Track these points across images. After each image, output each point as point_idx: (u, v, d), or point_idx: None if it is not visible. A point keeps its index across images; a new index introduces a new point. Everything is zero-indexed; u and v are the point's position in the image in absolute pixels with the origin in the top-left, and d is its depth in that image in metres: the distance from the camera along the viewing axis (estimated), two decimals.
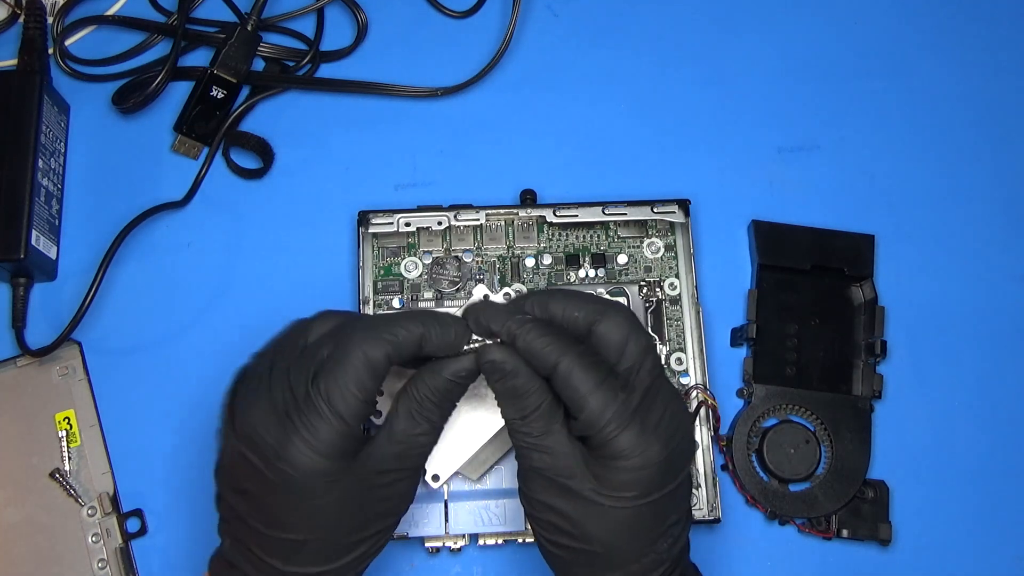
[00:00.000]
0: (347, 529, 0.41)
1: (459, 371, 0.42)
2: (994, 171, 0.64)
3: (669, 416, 0.42)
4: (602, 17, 0.66)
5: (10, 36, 0.63)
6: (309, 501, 0.40)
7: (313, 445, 0.39)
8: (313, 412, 0.39)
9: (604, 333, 0.42)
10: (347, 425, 0.39)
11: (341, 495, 0.40)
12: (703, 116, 0.64)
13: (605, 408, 0.40)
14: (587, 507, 0.41)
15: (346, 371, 0.40)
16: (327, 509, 0.40)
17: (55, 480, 0.56)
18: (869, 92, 0.65)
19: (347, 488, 0.41)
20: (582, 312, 0.42)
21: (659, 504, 0.41)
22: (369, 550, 0.43)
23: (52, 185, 0.60)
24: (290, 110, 0.64)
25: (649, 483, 0.41)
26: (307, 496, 0.40)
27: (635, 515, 0.41)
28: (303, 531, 0.41)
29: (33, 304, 0.59)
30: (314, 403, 0.39)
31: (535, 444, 0.42)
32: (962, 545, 0.57)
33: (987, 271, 0.62)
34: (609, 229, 0.60)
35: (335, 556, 0.42)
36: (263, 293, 0.60)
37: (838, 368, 0.59)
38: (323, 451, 0.39)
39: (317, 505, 0.40)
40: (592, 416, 0.40)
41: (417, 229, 0.60)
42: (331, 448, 0.39)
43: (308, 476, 0.39)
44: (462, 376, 0.42)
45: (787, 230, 0.60)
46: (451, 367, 0.42)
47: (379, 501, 0.42)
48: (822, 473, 0.57)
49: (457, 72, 0.64)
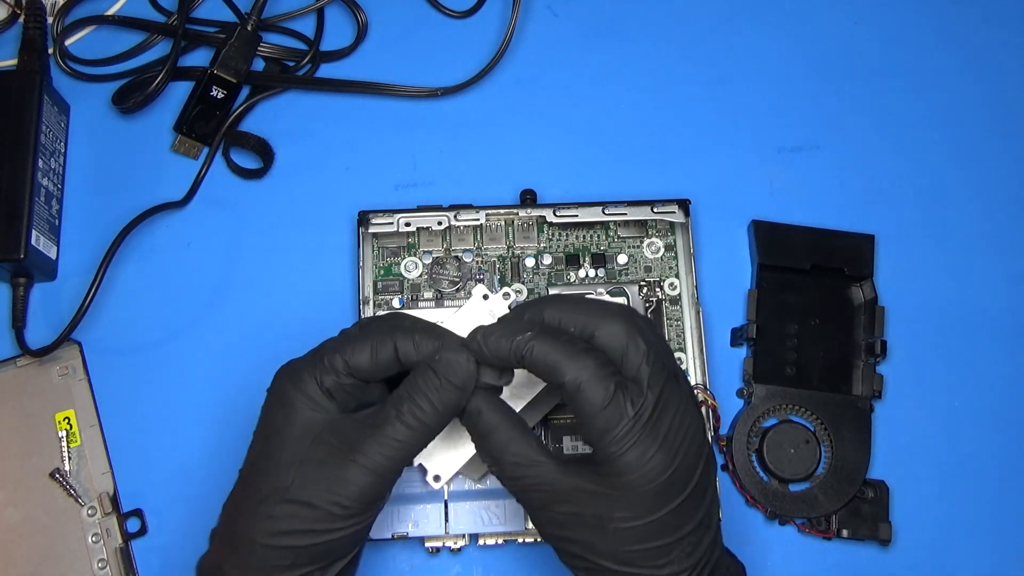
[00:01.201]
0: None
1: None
2: (994, 171, 0.64)
3: (677, 424, 0.41)
4: (602, 17, 0.66)
5: (10, 36, 0.63)
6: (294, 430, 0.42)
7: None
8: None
9: (603, 343, 0.42)
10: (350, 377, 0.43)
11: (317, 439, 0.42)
12: (703, 116, 0.64)
13: (609, 428, 0.40)
14: (593, 531, 0.41)
15: (359, 342, 0.43)
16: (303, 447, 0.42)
17: (55, 480, 0.56)
18: (869, 92, 0.65)
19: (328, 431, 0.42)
20: (578, 322, 0.42)
21: (668, 519, 0.41)
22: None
23: (52, 185, 0.60)
24: (290, 110, 0.64)
25: (655, 500, 0.41)
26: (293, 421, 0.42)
27: (644, 532, 0.41)
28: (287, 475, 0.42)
29: (33, 304, 0.59)
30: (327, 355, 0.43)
31: (525, 486, 0.43)
32: (962, 545, 0.57)
33: (987, 271, 0.62)
34: (609, 229, 0.60)
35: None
36: (263, 293, 0.60)
37: (838, 368, 0.59)
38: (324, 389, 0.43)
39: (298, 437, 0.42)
40: (596, 434, 0.41)
41: (417, 229, 0.60)
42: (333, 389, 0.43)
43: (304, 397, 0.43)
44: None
45: (787, 230, 0.60)
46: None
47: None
48: (822, 473, 0.57)
49: (457, 72, 0.64)
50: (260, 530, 0.42)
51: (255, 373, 0.58)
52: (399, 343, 0.43)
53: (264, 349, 0.59)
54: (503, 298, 0.54)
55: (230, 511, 0.44)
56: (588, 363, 0.41)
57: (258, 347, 0.59)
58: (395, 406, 0.42)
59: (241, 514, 0.43)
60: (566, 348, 0.41)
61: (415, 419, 0.42)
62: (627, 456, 0.40)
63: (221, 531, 0.44)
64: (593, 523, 0.41)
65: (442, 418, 0.42)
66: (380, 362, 0.43)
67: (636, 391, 0.41)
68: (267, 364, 0.57)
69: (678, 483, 0.41)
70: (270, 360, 0.58)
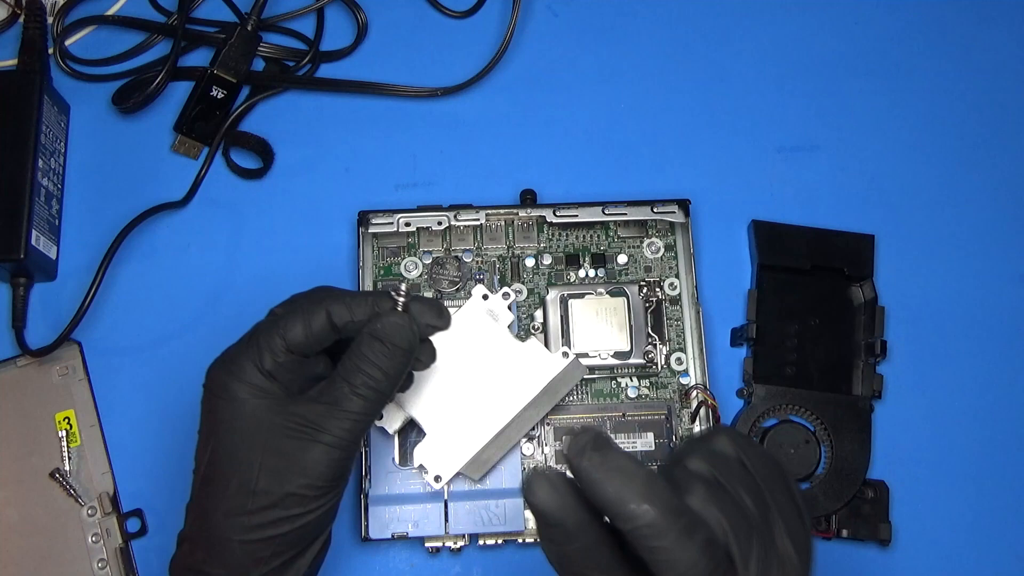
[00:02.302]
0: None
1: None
2: (994, 171, 0.64)
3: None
4: (602, 17, 0.66)
5: (10, 36, 0.63)
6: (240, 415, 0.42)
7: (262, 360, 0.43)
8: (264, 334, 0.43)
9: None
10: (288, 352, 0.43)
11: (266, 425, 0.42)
12: (703, 116, 0.64)
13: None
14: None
15: (291, 317, 0.43)
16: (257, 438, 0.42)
17: (55, 480, 0.56)
18: (869, 92, 0.65)
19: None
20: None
21: None
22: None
23: (52, 185, 0.60)
24: (290, 110, 0.64)
25: None
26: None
27: None
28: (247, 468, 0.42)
29: (33, 304, 0.59)
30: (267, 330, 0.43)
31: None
32: (962, 545, 0.57)
33: (987, 271, 0.62)
34: (609, 229, 0.60)
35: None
36: (263, 293, 0.60)
37: (838, 368, 0.59)
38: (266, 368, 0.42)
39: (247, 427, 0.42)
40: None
41: (417, 229, 0.60)
42: (272, 366, 0.42)
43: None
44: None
45: (787, 230, 0.60)
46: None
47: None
48: (822, 473, 0.57)
49: (457, 72, 0.64)
50: (235, 528, 0.41)
51: None
52: (332, 310, 0.43)
53: None
54: (503, 298, 0.54)
55: (197, 514, 0.44)
56: (698, 558, 0.32)
57: None
58: (346, 379, 0.42)
59: (211, 515, 0.43)
60: (677, 528, 0.32)
61: (369, 389, 0.42)
62: None
63: (191, 534, 0.44)
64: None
65: (394, 382, 0.43)
66: (315, 333, 0.43)
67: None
68: None
69: None
70: None
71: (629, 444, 0.56)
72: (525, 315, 0.58)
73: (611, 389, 0.57)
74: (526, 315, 0.58)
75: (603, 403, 0.57)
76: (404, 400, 0.52)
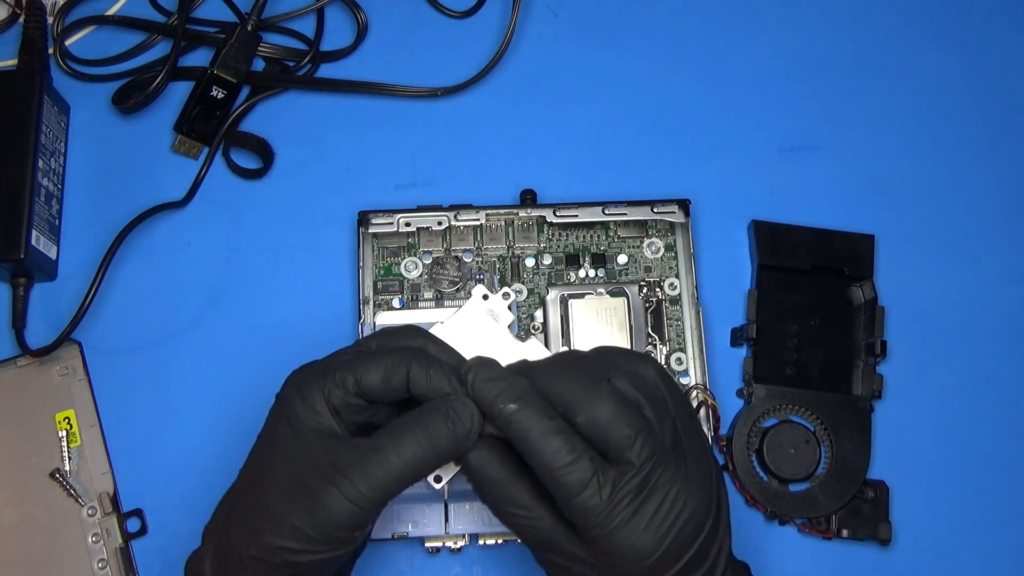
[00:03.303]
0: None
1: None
2: (994, 171, 0.64)
3: (669, 504, 0.40)
4: (602, 17, 0.66)
5: (10, 36, 0.63)
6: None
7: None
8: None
9: (587, 427, 0.40)
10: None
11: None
12: (703, 116, 0.64)
13: (584, 514, 0.39)
14: (588, 570, 0.41)
15: (373, 363, 0.42)
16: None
17: (55, 480, 0.56)
18: (869, 92, 0.65)
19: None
20: (564, 401, 0.41)
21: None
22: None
23: (52, 185, 0.60)
24: (290, 110, 0.64)
25: (643, 574, 0.40)
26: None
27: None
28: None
29: (33, 304, 0.59)
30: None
31: (520, 530, 0.42)
32: (962, 545, 0.57)
33: (987, 271, 0.62)
34: (609, 229, 0.60)
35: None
36: (263, 293, 0.60)
37: (838, 368, 0.59)
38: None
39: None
40: (574, 520, 0.40)
41: (417, 229, 0.60)
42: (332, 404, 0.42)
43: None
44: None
45: (787, 230, 0.60)
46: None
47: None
48: (822, 473, 0.57)
49: (457, 72, 0.64)
50: (245, 542, 0.41)
51: (255, 373, 0.58)
52: (413, 373, 0.42)
53: (264, 349, 0.59)
54: (503, 298, 0.54)
55: (224, 513, 0.44)
56: (560, 447, 0.39)
57: (258, 347, 0.59)
58: (392, 438, 0.41)
59: (232, 521, 0.43)
60: (542, 426, 0.40)
61: (409, 457, 0.40)
62: (609, 540, 0.39)
63: (212, 532, 0.44)
64: (585, 564, 0.41)
65: (435, 462, 0.41)
66: (391, 387, 0.42)
67: (618, 474, 0.39)
68: (267, 364, 0.58)
69: (669, 559, 0.40)
70: (270, 360, 0.58)
71: None
72: (525, 315, 0.58)
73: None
74: (526, 315, 0.58)
75: None
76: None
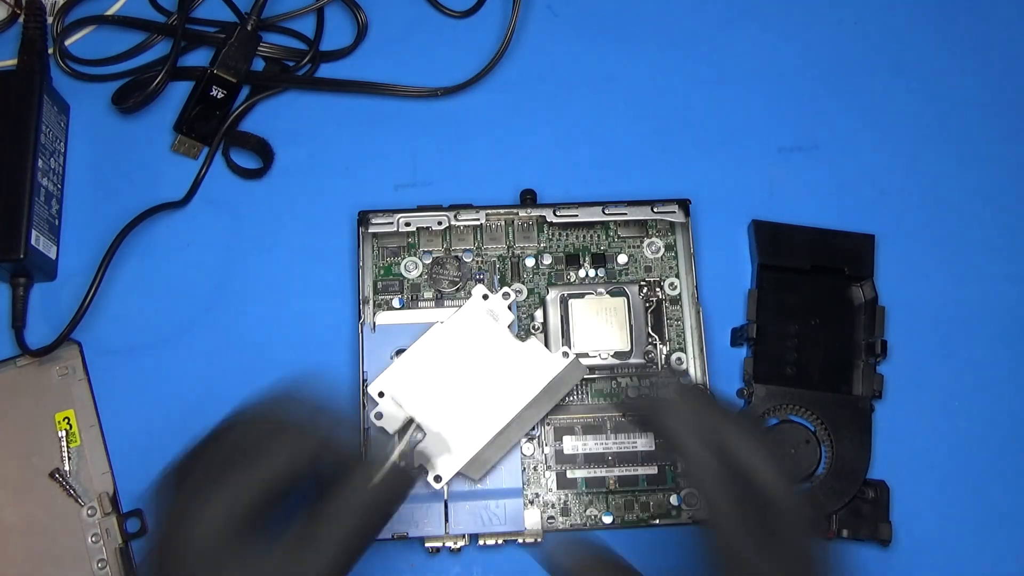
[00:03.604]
0: None
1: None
2: (995, 171, 0.64)
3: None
4: (602, 16, 0.66)
5: (10, 36, 0.63)
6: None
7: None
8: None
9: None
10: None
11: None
12: (703, 116, 0.64)
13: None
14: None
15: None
16: None
17: (55, 480, 0.56)
18: (869, 92, 0.65)
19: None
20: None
21: None
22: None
23: (52, 185, 0.60)
24: (290, 110, 0.64)
25: None
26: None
27: None
28: None
29: (33, 304, 0.59)
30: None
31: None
32: (962, 545, 0.57)
33: (987, 271, 0.62)
34: (609, 229, 0.60)
35: None
36: (263, 293, 0.60)
37: (838, 368, 0.59)
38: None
39: None
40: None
41: (417, 229, 0.60)
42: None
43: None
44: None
45: (787, 230, 0.60)
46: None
47: None
48: (822, 473, 0.57)
49: (457, 72, 0.64)
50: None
51: (255, 373, 0.58)
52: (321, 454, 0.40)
53: (264, 349, 0.59)
54: (503, 298, 0.54)
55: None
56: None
57: (258, 347, 0.59)
58: (328, 521, 0.39)
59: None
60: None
61: (352, 537, 0.39)
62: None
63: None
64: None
65: (375, 534, 0.41)
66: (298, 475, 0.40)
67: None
68: (267, 364, 0.58)
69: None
70: (270, 360, 0.58)
71: (629, 444, 0.56)
72: (525, 315, 0.58)
73: (611, 389, 0.57)
74: (526, 315, 0.58)
75: (603, 403, 0.57)
76: (404, 400, 0.52)
